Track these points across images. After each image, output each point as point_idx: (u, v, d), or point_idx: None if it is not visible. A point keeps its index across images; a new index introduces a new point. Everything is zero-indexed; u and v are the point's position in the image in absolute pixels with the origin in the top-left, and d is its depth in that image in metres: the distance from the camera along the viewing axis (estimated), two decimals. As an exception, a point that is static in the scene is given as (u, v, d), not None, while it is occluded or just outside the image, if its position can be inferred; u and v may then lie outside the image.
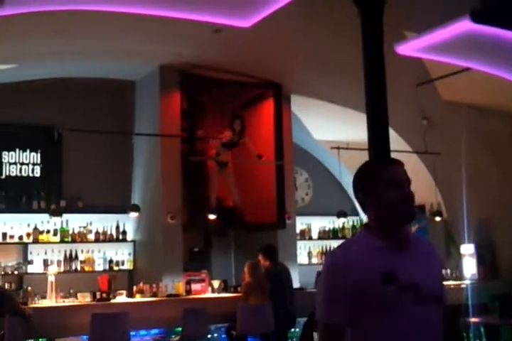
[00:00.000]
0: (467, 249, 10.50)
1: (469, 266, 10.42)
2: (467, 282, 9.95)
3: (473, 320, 7.00)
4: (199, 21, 7.16)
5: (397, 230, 2.43)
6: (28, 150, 9.43)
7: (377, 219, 2.43)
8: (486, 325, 7.11)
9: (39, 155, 9.49)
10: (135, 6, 6.76)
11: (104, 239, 9.35)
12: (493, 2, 6.95)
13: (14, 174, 9.31)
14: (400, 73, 7.26)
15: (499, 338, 7.13)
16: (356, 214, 12.21)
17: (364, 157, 4.19)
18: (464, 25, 6.81)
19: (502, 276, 10.48)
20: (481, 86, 9.44)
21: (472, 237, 10.28)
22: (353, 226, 12.03)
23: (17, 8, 6.36)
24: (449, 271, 10.29)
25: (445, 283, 9.54)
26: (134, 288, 8.15)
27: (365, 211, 2.49)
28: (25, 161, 9.40)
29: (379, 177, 2.42)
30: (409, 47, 7.45)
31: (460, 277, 10.27)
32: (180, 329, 7.46)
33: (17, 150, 9.38)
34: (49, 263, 8.81)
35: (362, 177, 2.48)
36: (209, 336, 7.84)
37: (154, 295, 8.01)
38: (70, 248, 9.09)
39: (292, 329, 8.06)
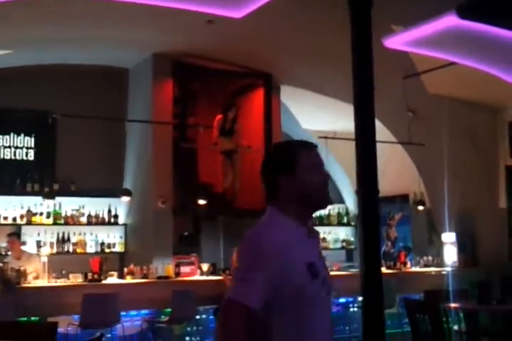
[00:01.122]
0: (448, 238, 10.71)
1: (450, 254, 10.65)
2: (448, 269, 10.17)
3: (453, 305, 7.19)
4: (193, 11, 7.26)
5: (310, 217, 2.34)
6: (22, 134, 9.61)
7: (293, 203, 2.27)
8: (465, 311, 7.29)
9: (33, 139, 9.66)
10: (130, -5, 6.87)
11: (96, 222, 9.55)
12: (479, -2, 7.15)
13: (8, 157, 9.50)
14: (387, 66, 7.41)
15: (478, 323, 7.32)
16: (342, 202, 12.47)
17: (351, 146, 4.39)
18: (451, 20, 6.97)
19: (481, 264, 10.71)
20: (465, 80, 9.63)
21: (453, 226, 10.50)
22: (339, 214, 12.28)
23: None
24: (430, 258, 10.54)
25: (427, 269, 9.87)
26: (125, 269, 8.28)
27: (273, 194, 2.31)
28: (19, 145, 9.58)
29: (300, 160, 2.28)
30: (397, 41, 7.62)
31: (441, 264, 10.48)
32: (169, 310, 7.58)
33: (11, 134, 9.55)
34: (42, 244, 9.01)
35: (280, 159, 2.32)
36: (197, 317, 7.98)
37: (144, 277, 8.12)
38: (63, 230, 9.29)
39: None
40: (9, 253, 8.27)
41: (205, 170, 9.89)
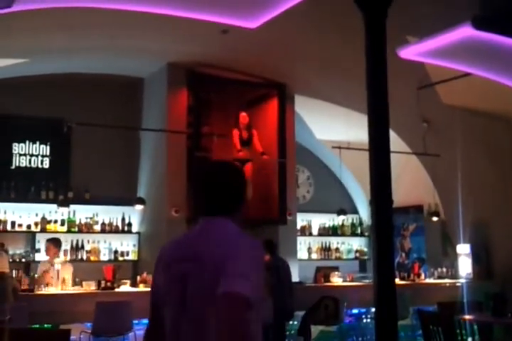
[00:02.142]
0: (463, 249, 10.67)
1: (465, 265, 10.61)
2: (462, 281, 10.14)
3: (467, 317, 7.14)
4: (207, 21, 7.29)
5: None
6: (37, 142, 9.67)
7: (239, 219, 2.44)
8: (479, 323, 7.24)
9: (48, 147, 9.72)
10: (145, 5, 6.87)
11: (110, 230, 9.59)
12: (494, 9, 7.14)
13: (24, 165, 9.55)
14: (401, 76, 7.43)
15: (492, 336, 7.26)
16: (355, 212, 12.45)
17: (365, 157, 4.39)
18: (466, 31, 6.96)
19: (496, 276, 10.65)
20: (480, 91, 9.61)
21: (468, 237, 10.46)
22: (352, 224, 12.27)
23: (29, 4, 6.46)
24: (444, 269, 10.48)
25: (441, 281, 9.76)
26: (138, 278, 8.28)
27: (229, 208, 2.42)
28: (34, 153, 9.64)
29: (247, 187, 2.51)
30: (411, 51, 7.61)
31: (455, 276, 10.45)
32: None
33: (27, 142, 9.62)
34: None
35: (244, 178, 2.47)
36: None
37: (157, 285, 8.15)
38: (77, 238, 9.35)
39: (290, 322, 8.24)
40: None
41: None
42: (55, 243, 8.13)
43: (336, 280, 9.34)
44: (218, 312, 2.13)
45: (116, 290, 7.86)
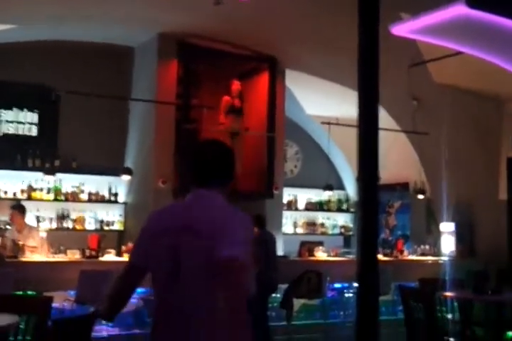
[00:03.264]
0: (447, 227, 10.75)
1: (448, 244, 10.70)
2: (445, 258, 10.23)
3: (448, 294, 7.21)
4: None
5: None
6: (25, 110, 9.59)
7: (226, 193, 2.68)
8: (460, 300, 7.31)
9: (36, 115, 9.65)
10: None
11: (96, 200, 9.59)
12: (489, -12, 7.09)
13: (11, 132, 9.48)
14: (393, 53, 7.39)
15: (472, 313, 7.34)
16: (342, 188, 12.50)
17: (353, 133, 4.39)
18: (460, 9, 6.90)
19: (479, 255, 10.78)
20: (472, 70, 9.59)
21: (452, 216, 10.54)
22: (339, 200, 12.33)
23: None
24: (428, 246, 10.57)
25: (424, 258, 9.84)
26: (123, 248, 8.33)
27: (220, 184, 2.65)
28: (22, 120, 9.57)
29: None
30: (404, 28, 7.55)
31: (438, 253, 10.54)
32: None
33: (14, 108, 9.54)
34: (41, 220, 9.04)
35: (233, 157, 2.72)
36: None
37: (142, 255, 8.17)
38: (63, 206, 9.35)
39: (273, 295, 8.32)
40: (9, 226, 8.27)
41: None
42: (20, 209, 7.92)
43: (320, 254, 9.42)
44: (221, 273, 2.34)
45: (101, 259, 7.89)
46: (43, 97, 9.20)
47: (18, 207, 8.03)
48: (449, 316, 7.05)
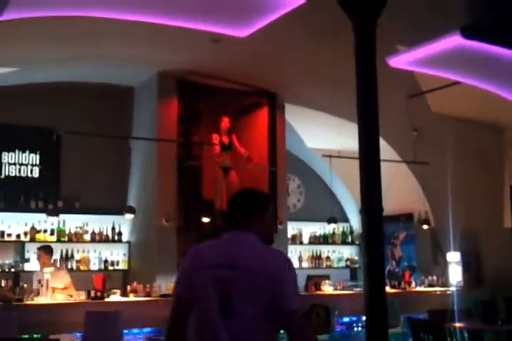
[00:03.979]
0: (453, 257, 10.68)
1: (455, 273, 10.62)
2: (453, 289, 10.15)
3: (457, 325, 7.15)
4: (198, 30, 7.32)
5: None
6: (27, 151, 9.63)
7: (261, 235, 2.95)
8: (470, 330, 7.25)
9: (38, 156, 9.68)
10: (136, 14, 6.87)
11: (100, 240, 9.55)
12: (483, 18, 7.19)
13: (13, 174, 9.50)
14: (391, 85, 7.46)
15: (482, 343, 7.27)
16: (346, 220, 12.46)
17: (355, 165, 4.39)
18: (455, 40, 7.01)
19: (486, 283, 10.69)
20: (470, 99, 9.67)
21: (458, 245, 10.49)
22: (343, 232, 12.27)
23: (20, 13, 6.43)
24: (435, 277, 10.50)
25: (432, 289, 9.78)
26: (128, 287, 8.25)
27: (252, 225, 2.93)
28: (24, 162, 9.60)
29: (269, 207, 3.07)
30: (401, 60, 7.66)
31: (446, 284, 10.46)
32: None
33: (16, 151, 9.57)
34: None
35: (264, 200, 3.09)
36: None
37: (148, 294, 8.08)
38: (66, 247, 9.30)
39: (281, 331, 8.20)
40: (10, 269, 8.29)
41: (209, 188, 9.91)
42: (45, 250, 8.10)
43: (327, 288, 9.34)
44: (286, 322, 2.78)
45: (106, 299, 7.81)
46: (45, 138, 9.24)
47: (44, 248, 8.17)
48: (460, 347, 6.97)
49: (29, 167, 9.63)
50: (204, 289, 2.75)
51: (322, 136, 11.34)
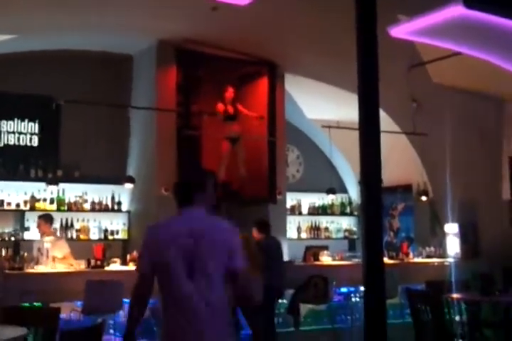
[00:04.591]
0: (451, 228, 10.73)
1: (453, 245, 10.68)
2: (450, 260, 10.20)
3: (455, 296, 7.18)
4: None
5: None
6: (26, 120, 9.60)
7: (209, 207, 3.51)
8: (467, 302, 7.28)
9: (37, 125, 9.66)
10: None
11: (100, 209, 9.58)
12: (486, -12, 7.10)
13: (12, 143, 9.49)
14: (392, 55, 7.40)
15: (480, 314, 7.32)
16: (345, 191, 12.48)
17: (354, 136, 4.38)
18: (457, 10, 6.91)
19: (484, 255, 10.74)
20: (471, 70, 9.60)
21: (456, 217, 10.52)
22: (342, 203, 12.31)
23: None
24: (432, 248, 10.54)
25: (429, 260, 9.79)
26: (128, 256, 8.29)
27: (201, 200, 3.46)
28: (23, 131, 9.58)
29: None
30: (402, 30, 7.55)
31: (443, 255, 10.51)
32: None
33: (15, 119, 9.55)
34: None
35: (206, 178, 3.56)
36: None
37: (147, 264, 8.16)
38: (66, 216, 9.33)
39: (280, 301, 8.29)
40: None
41: (209, 158, 9.89)
42: (45, 219, 8.12)
43: (325, 259, 9.39)
44: (232, 278, 3.36)
45: (106, 268, 7.86)
46: (44, 107, 9.20)
47: (43, 216, 8.19)
48: (457, 318, 7.03)
49: (28, 135, 9.61)
50: (171, 258, 3.25)
51: (322, 106, 11.29)
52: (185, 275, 3.24)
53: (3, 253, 7.81)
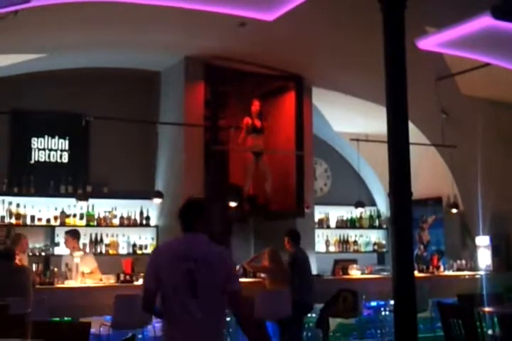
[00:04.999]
0: (482, 241, 10.60)
1: (484, 258, 10.54)
2: (482, 273, 10.08)
3: (487, 309, 7.08)
4: (224, 14, 7.28)
5: None
6: (56, 137, 9.74)
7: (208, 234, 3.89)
8: (499, 315, 7.18)
9: (67, 141, 9.80)
10: (163, -1, 6.92)
11: (129, 224, 9.64)
12: (513, -2, 7.06)
13: (43, 159, 9.63)
14: (420, 67, 7.37)
15: (513, 327, 7.20)
16: (373, 204, 12.40)
17: (383, 149, 4.36)
18: (485, 21, 6.89)
19: (515, 268, 10.62)
20: (500, 81, 9.53)
21: (487, 229, 10.39)
22: (370, 216, 12.23)
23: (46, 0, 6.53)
24: (464, 261, 10.42)
25: (461, 273, 9.67)
26: (157, 271, 8.33)
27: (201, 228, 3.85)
28: (53, 147, 9.71)
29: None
30: (430, 42, 7.55)
31: (475, 268, 10.39)
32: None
33: (46, 136, 9.69)
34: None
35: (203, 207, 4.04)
36: (228, 319, 8.00)
37: (176, 278, 8.17)
38: (96, 231, 9.40)
39: (309, 315, 8.23)
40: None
41: (236, 172, 9.92)
42: (72, 234, 8.18)
43: (354, 272, 9.32)
44: (232, 299, 3.74)
45: (135, 283, 7.86)
46: (73, 124, 9.28)
47: (70, 232, 8.24)
48: (490, 332, 6.92)
49: (58, 152, 9.73)
50: (176, 277, 3.65)
51: (349, 119, 11.27)
52: (187, 295, 3.62)
53: (34, 268, 7.86)
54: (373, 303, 9.10)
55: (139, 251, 9.62)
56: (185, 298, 3.63)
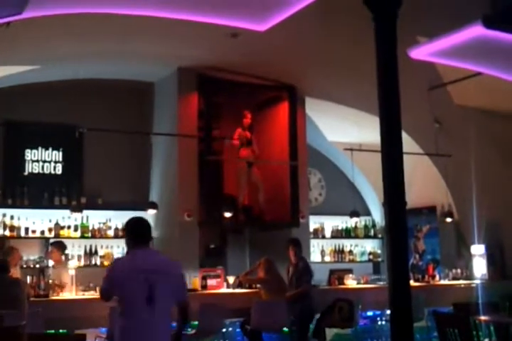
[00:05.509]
0: (477, 250, 10.61)
1: (479, 266, 10.55)
2: (477, 282, 10.08)
3: (483, 318, 7.08)
4: (217, 24, 7.30)
5: None
6: (50, 149, 9.71)
7: None
8: (496, 324, 7.18)
9: (61, 153, 9.77)
10: (154, 9, 6.90)
11: (123, 235, 9.57)
12: (504, 8, 7.11)
13: (37, 171, 9.59)
14: (412, 77, 7.40)
15: (509, 336, 7.20)
16: (368, 214, 12.41)
17: (376, 158, 4.36)
18: (476, 30, 6.92)
19: (511, 276, 10.60)
20: (492, 90, 9.57)
21: (482, 238, 10.41)
22: (365, 226, 12.23)
23: (39, 11, 6.46)
24: (459, 270, 10.42)
25: (456, 282, 9.67)
26: (151, 282, 8.30)
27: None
28: (47, 159, 9.68)
29: None
30: (422, 52, 7.58)
31: (470, 277, 10.39)
32: (196, 323, 7.59)
33: (39, 148, 9.66)
34: (69, 257, 9.06)
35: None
36: (224, 330, 7.99)
37: (171, 290, 8.15)
38: (90, 243, 9.37)
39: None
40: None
41: (231, 183, 9.93)
42: (58, 246, 8.09)
43: (350, 282, 9.31)
44: (181, 307, 4.26)
45: (130, 295, 7.83)
46: (67, 135, 9.25)
47: (55, 243, 8.19)
48: (486, 341, 6.92)
49: (52, 164, 9.71)
50: (134, 287, 4.02)
51: (342, 129, 11.29)
52: (142, 303, 4.00)
53: (29, 280, 7.82)
54: (369, 313, 9.08)
55: (133, 263, 9.57)
56: (141, 305, 4.00)
